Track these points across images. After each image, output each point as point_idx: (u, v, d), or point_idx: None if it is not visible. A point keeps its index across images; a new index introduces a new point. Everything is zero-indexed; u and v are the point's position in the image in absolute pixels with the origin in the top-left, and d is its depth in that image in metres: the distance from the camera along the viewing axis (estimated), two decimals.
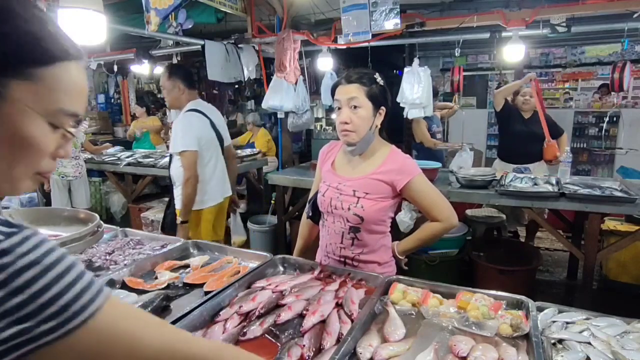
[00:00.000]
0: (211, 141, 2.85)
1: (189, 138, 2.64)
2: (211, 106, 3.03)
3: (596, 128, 7.36)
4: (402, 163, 1.56)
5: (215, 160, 2.87)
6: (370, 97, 1.50)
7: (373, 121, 1.53)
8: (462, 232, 3.65)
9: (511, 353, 1.04)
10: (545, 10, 3.71)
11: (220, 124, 2.97)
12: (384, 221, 1.61)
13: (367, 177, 1.56)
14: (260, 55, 5.27)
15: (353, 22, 3.98)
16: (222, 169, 2.94)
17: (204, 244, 1.85)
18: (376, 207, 1.54)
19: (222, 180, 2.95)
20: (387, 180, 1.53)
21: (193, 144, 2.64)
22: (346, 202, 1.56)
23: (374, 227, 1.58)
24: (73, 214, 1.89)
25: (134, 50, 5.56)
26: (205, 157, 2.78)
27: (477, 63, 8.06)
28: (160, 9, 3.67)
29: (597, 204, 2.79)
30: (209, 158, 2.83)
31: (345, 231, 1.59)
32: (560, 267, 4.13)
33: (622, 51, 6.08)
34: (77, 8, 2.08)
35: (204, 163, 2.76)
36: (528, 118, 3.93)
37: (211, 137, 2.85)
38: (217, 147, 2.90)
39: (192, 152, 2.63)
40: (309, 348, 1.06)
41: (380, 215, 1.57)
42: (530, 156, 3.88)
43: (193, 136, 2.66)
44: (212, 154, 2.85)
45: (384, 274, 1.53)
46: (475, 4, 5.22)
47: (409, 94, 4.23)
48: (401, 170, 1.54)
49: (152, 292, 1.37)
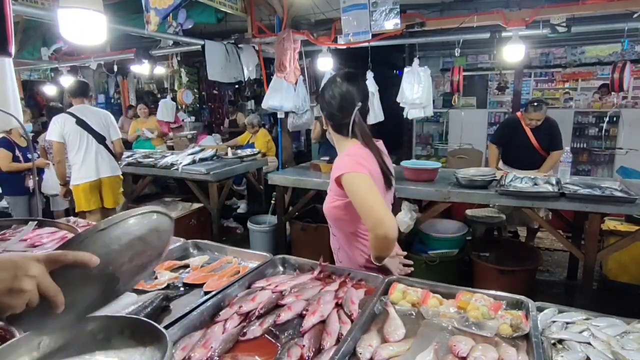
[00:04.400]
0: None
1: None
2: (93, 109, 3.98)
3: (596, 128, 7.36)
4: (343, 159, 1.53)
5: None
6: (320, 107, 1.66)
7: (325, 126, 1.69)
8: (462, 232, 3.65)
9: (511, 353, 1.04)
10: (545, 10, 3.71)
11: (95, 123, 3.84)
12: (348, 221, 1.59)
13: (330, 176, 1.63)
14: (260, 55, 5.27)
15: (353, 22, 3.98)
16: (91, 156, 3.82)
17: (203, 244, 1.85)
18: (332, 205, 1.59)
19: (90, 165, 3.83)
20: (332, 176, 1.56)
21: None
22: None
23: (339, 225, 1.64)
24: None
25: (134, 50, 5.56)
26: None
27: (477, 63, 8.06)
28: (160, 9, 3.67)
29: (597, 204, 2.79)
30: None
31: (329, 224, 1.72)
32: (560, 267, 4.13)
33: (622, 51, 6.09)
34: (77, 8, 2.08)
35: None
36: (533, 128, 3.94)
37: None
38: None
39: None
40: (308, 348, 1.06)
41: (336, 213, 1.59)
42: (532, 166, 3.92)
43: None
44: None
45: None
46: (475, 4, 5.22)
47: (409, 94, 4.24)
48: (338, 165, 1.53)
49: (151, 292, 1.37)
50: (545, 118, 3.91)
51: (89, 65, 6.20)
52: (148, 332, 0.89)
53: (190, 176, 4.25)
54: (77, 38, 2.19)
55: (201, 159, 4.49)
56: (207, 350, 1.05)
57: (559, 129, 3.99)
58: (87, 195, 3.82)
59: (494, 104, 8.15)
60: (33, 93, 8.78)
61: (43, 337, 0.88)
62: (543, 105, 3.89)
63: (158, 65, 6.16)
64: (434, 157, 8.32)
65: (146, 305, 1.26)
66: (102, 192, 3.92)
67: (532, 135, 3.94)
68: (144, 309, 1.23)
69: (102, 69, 6.50)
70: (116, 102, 9.84)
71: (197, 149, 4.90)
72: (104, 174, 3.87)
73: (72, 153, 3.77)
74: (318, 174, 3.91)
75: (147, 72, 6.32)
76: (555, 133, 3.94)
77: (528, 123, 3.91)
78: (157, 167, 4.48)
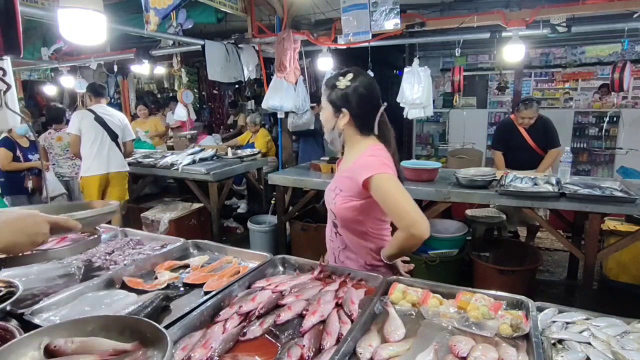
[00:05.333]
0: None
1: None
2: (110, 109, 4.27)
3: (596, 128, 7.36)
4: (367, 160, 1.50)
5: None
6: (330, 101, 1.57)
7: (335, 122, 1.57)
8: (462, 232, 3.65)
9: (511, 353, 1.04)
10: (545, 10, 3.71)
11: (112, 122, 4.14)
12: (361, 222, 1.57)
13: (342, 175, 1.61)
14: (260, 55, 5.27)
15: (353, 22, 3.98)
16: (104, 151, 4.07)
17: (203, 244, 1.85)
18: (346, 206, 1.54)
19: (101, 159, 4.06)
20: (352, 176, 1.51)
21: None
22: (329, 196, 1.65)
23: (350, 225, 1.59)
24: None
25: (134, 50, 5.57)
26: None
27: (477, 63, 8.06)
28: (159, 9, 3.67)
29: (597, 204, 2.79)
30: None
31: (332, 224, 1.69)
32: (560, 267, 4.13)
33: (622, 51, 6.09)
34: (77, 8, 2.07)
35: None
36: (527, 128, 3.95)
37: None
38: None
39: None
40: (308, 348, 1.06)
41: (350, 214, 1.55)
42: (531, 166, 3.92)
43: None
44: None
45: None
46: (475, 4, 5.22)
47: (409, 94, 4.24)
48: (363, 166, 1.49)
49: (151, 292, 1.37)
50: (539, 117, 3.92)
51: (89, 65, 6.20)
52: (148, 332, 0.90)
53: (190, 176, 4.25)
54: (77, 38, 2.18)
55: (201, 159, 4.49)
56: (207, 350, 1.05)
57: (554, 126, 4.00)
58: (95, 187, 4.04)
59: (494, 104, 8.15)
60: (33, 93, 8.79)
61: (43, 337, 0.88)
62: (534, 102, 3.92)
63: (158, 65, 6.17)
64: (434, 157, 8.32)
65: (146, 305, 1.25)
66: (109, 187, 4.15)
67: (528, 135, 3.95)
68: (144, 309, 1.23)
69: (102, 69, 6.49)
70: (116, 102, 9.83)
71: (197, 149, 4.90)
72: (113, 168, 4.11)
73: (86, 145, 4.00)
74: (318, 174, 3.92)
75: (147, 72, 6.33)
76: (550, 131, 3.95)
77: (521, 122, 3.93)
78: (157, 167, 4.48)
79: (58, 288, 1.42)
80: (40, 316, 1.23)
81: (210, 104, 9.46)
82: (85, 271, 1.57)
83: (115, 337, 0.91)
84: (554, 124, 4.06)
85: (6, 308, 1.13)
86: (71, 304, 1.31)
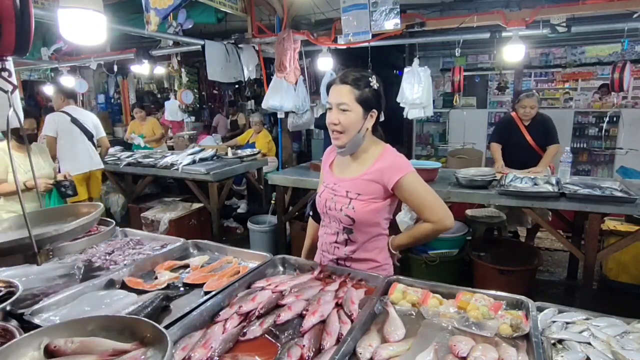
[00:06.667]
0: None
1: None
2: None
3: (596, 128, 7.36)
4: (393, 161, 1.53)
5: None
6: (361, 101, 1.49)
7: (363, 124, 1.51)
8: (462, 232, 3.64)
9: (511, 353, 1.04)
10: (545, 10, 3.71)
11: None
12: (377, 223, 1.57)
13: (359, 178, 1.55)
14: (260, 55, 5.27)
15: (353, 22, 3.98)
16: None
17: (203, 244, 1.85)
18: (368, 209, 1.52)
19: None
20: (378, 179, 1.51)
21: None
22: (339, 203, 1.56)
23: (367, 228, 1.56)
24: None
25: (134, 50, 5.56)
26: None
27: (477, 63, 8.05)
28: (160, 9, 3.67)
29: (597, 204, 2.79)
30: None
31: (340, 232, 1.60)
32: (560, 267, 4.13)
33: (622, 51, 6.09)
34: (77, 8, 2.07)
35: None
36: (527, 125, 3.95)
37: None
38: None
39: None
40: (308, 348, 1.06)
41: (372, 217, 1.54)
42: (531, 165, 3.92)
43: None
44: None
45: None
46: (475, 4, 5.22)
47: (409, 94, 4.23)
48: (392, 167, 1.50)
49: (151, 292, 1.37)
50: (539, 114, 3.93)
51: (89, 65, 6.19)
52: (148, 332, 0.90)
53: (190, 176, 4.25)
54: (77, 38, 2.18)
55: (201, 159, 4.49)
56: (207, 350, 1.05)
57: (554, 124, 4.00)
58: (83, 185, 4.15)
59: (494, 104, 8.14)
60: (33, 93, 8.78)
61: (43, 337, 0.88)
62: (535, 92, 3.97)
63: (158, 65, 6.16)
64: (434, 157, 8.32)
65: (146, 305, 1.26)
66: (90, 184, 4.36)
67: (527, 133, 3.94)
68: (144, 309, 1.24)
69: (102, 69, 6.48)
70: (116, 102, 9.84)
71: (197, 149, 4.90)
72: (93, 167, 4.31)
73: (65, 147, 4.10)
74: (318, 174, 3.90)
75: (147, 72, 6.32)
76: (549, 128, 3.95)
77: (522, 113, 3.92)
78: (157, 167, 4.48)
79: (58, 288, 1.42)
80: (40, 316, 1.23)
81: (210, 104, 9.45)
82: (85, 271, 1.57)
83: (115, 337, 0.91)
84: (554, 124, 4.06)
85: (6, 308, 1.13)
86: (71, 304, 1.31)
